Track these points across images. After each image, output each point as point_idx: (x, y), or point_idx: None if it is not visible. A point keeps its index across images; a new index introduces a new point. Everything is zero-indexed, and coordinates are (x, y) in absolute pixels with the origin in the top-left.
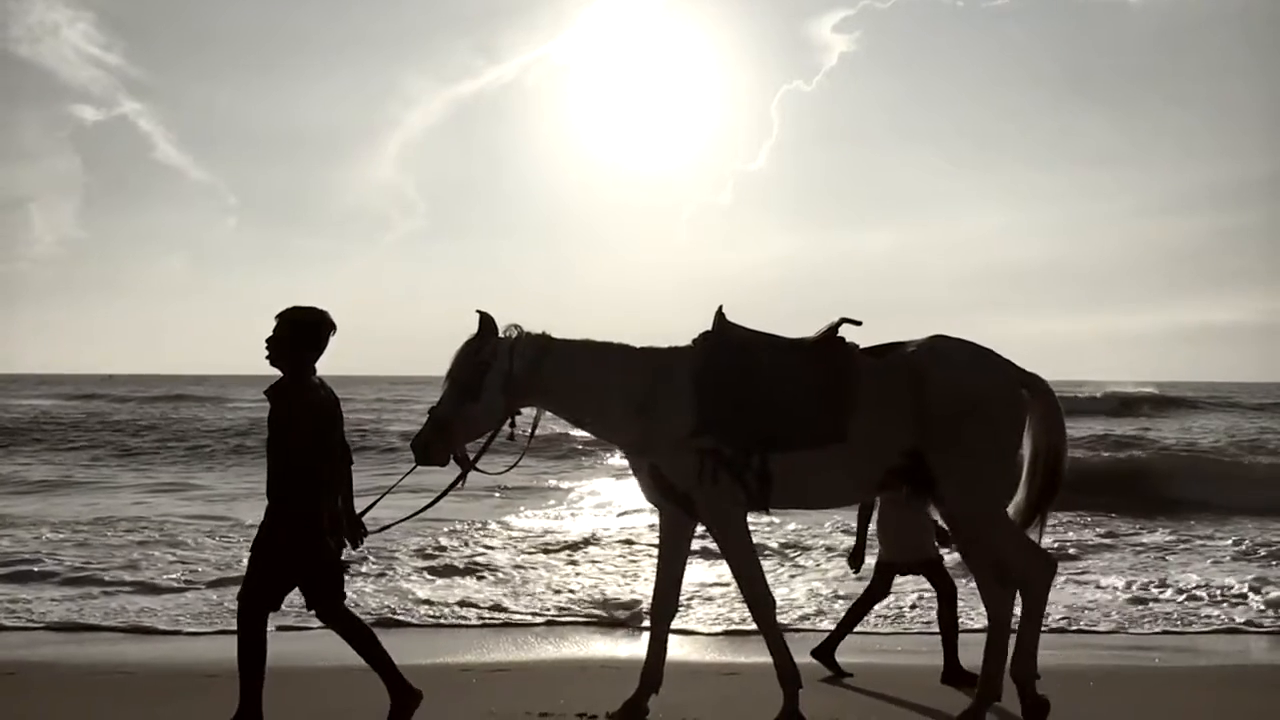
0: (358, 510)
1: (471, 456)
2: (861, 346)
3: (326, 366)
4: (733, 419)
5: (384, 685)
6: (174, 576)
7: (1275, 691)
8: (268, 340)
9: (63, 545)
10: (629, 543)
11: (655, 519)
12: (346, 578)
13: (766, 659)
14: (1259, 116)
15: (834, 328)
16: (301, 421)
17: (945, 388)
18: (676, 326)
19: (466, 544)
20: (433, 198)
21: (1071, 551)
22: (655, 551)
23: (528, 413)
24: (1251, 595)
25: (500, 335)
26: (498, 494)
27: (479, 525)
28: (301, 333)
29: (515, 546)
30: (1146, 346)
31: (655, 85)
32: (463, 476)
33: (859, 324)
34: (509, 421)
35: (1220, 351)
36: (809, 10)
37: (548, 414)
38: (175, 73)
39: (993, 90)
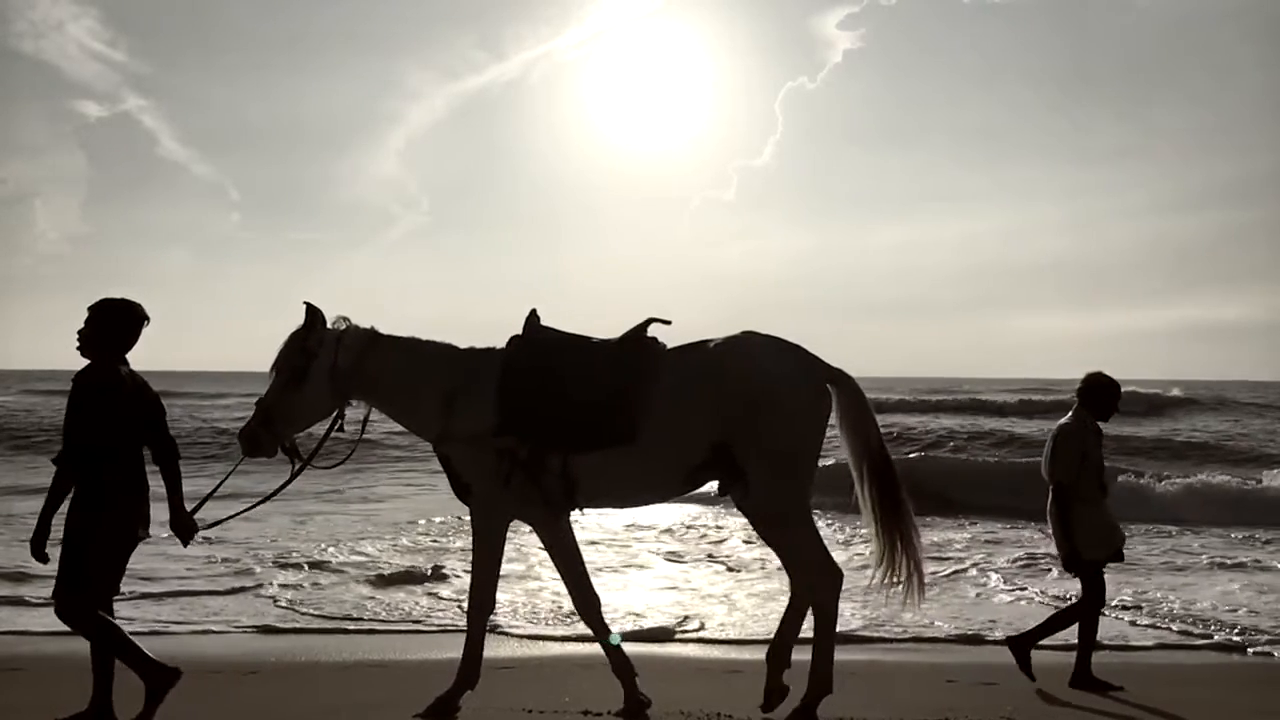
0: (189, 508)
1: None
2: (670, 346)
3: None
4: (531, 419)
5: (93, 689)
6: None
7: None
8: (79, 332)
9: None
10: (626, 545)
11: (635, 519)
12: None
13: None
14: (1267, 112)
15: (641, 328)
16: (105, 410)
17: (744, 383)
18: (680, 321)
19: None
20: (436, 193)
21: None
22: (642, 555)
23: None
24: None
25: (329, 327)
26: None
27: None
28: (111, 324)
29: (522, 551)
30: (1157, 344)
31: (659, 81)
32: (298, 471)
33: (668, 323)
34: (337, 415)
35: (1232, 349)
36: (813, 7)
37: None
38: (179, 69)
39: (998, 87)
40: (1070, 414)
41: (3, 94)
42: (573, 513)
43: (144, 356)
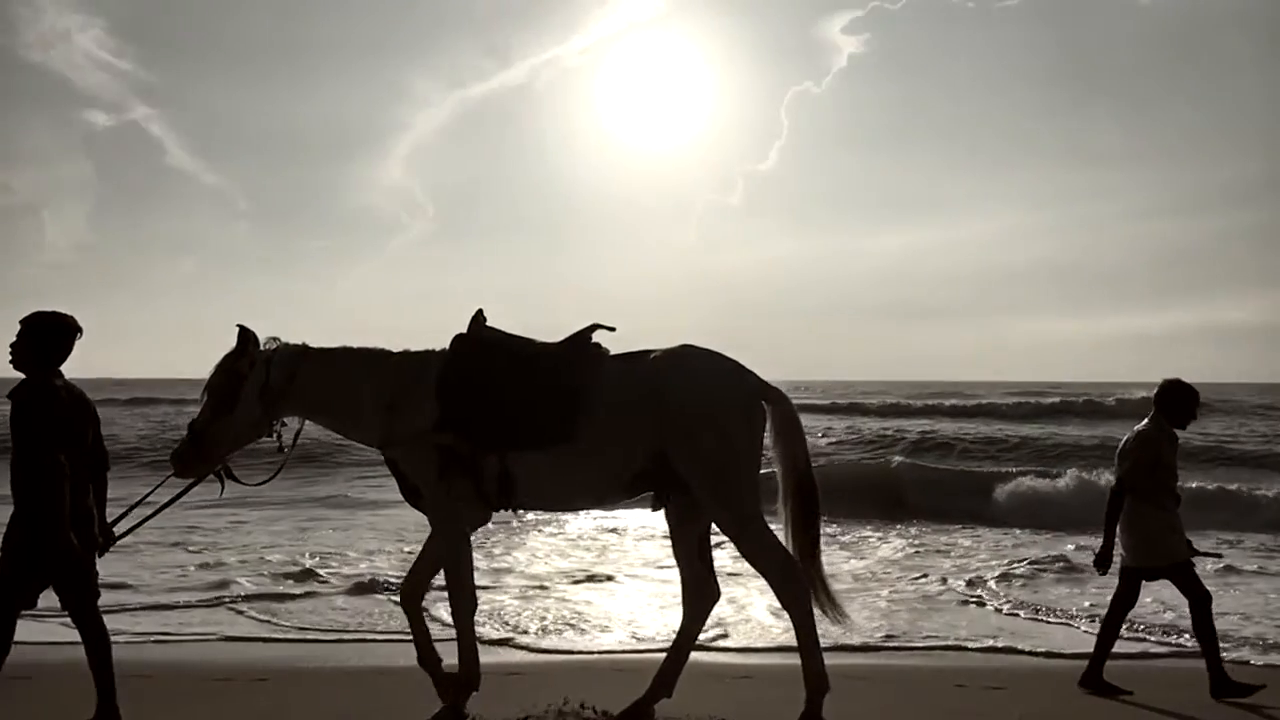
0: (110, 519)
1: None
2: (613, 353)
3: None
4: (470, 418)
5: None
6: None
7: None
8: (11, 345)
9: None
10: (623, 552)
11: (626, 525)
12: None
13: (777, 662)
14: (1269, 115)
15: (585, 332)
16: (42, 422)
17: (683, 395)
18: (685, 326)
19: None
20: (442, 200)
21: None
22: (637, 564)
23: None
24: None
25: (261, 348)
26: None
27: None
28: (44, 337)
29: (524, 558)
30: (1161, 346)
31: (664, 86)
32: (193, 485)
33: (612, 329)
34: (271, 433)
35: (1237, 351)
36: (817, 12)
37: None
38: (186, 78)
39: (1004, 91)
40: (1148, 420)
41: (10, 103)
42: (507, 513)
43: (153, 363)
